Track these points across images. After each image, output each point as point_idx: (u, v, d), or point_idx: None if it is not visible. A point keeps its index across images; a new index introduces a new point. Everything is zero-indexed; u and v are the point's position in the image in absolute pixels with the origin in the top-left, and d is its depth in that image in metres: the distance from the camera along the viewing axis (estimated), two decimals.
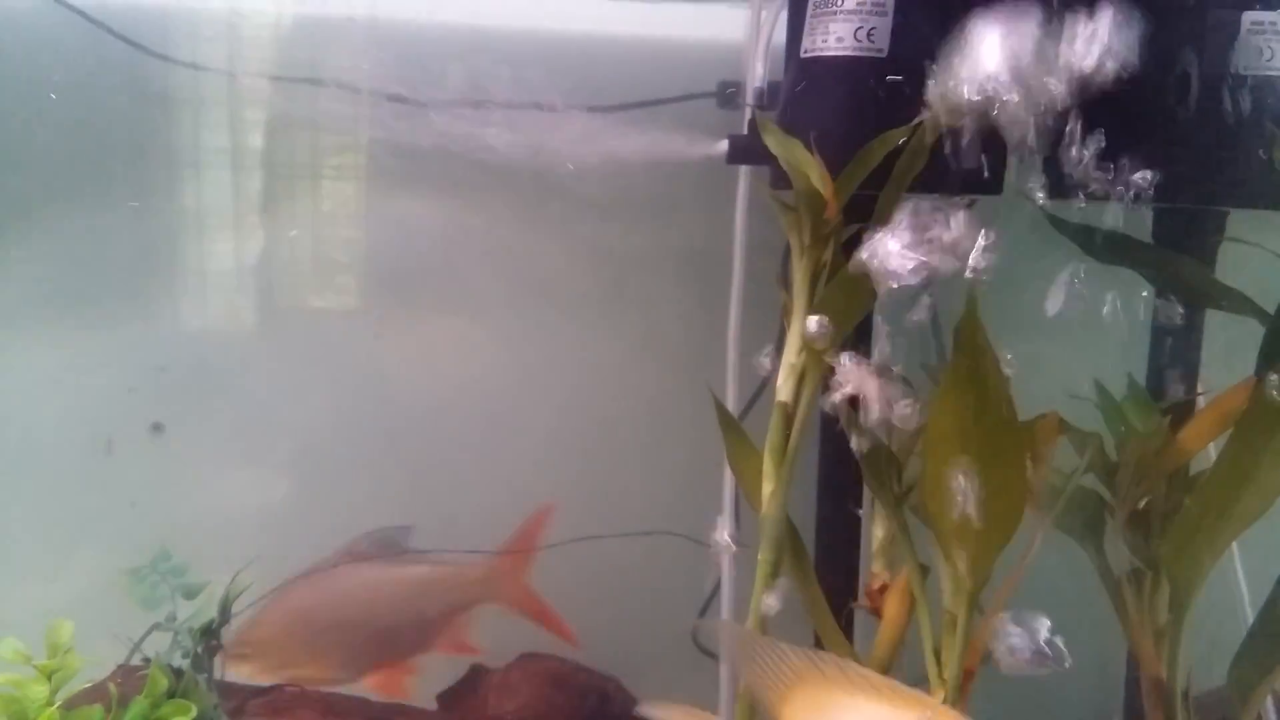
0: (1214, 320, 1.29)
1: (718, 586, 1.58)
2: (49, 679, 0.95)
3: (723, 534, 1.25)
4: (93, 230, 1.65)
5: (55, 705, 0.95)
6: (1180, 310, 1.24)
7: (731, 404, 1.26)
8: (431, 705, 1.57)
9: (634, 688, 1.69)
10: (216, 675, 1.28)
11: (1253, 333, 1.18)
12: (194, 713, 1.03)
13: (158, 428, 1.84)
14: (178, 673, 1.19)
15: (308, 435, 1.78)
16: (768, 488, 1.12)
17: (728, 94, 1.52)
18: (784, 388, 1.12)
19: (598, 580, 1.81)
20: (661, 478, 1.71)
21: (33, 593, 1.65)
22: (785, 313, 1.15)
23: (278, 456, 1.79)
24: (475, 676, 1.65)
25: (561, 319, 1.69)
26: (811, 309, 1.09)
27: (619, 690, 1.68)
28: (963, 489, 1.00)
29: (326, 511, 1.71)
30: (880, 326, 1.18)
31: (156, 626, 1.37)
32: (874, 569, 1.25)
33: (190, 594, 1.41)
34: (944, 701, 1.10)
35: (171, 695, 1.07)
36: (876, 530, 1.26)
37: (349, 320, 1.77)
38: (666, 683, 1.74)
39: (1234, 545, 1.25)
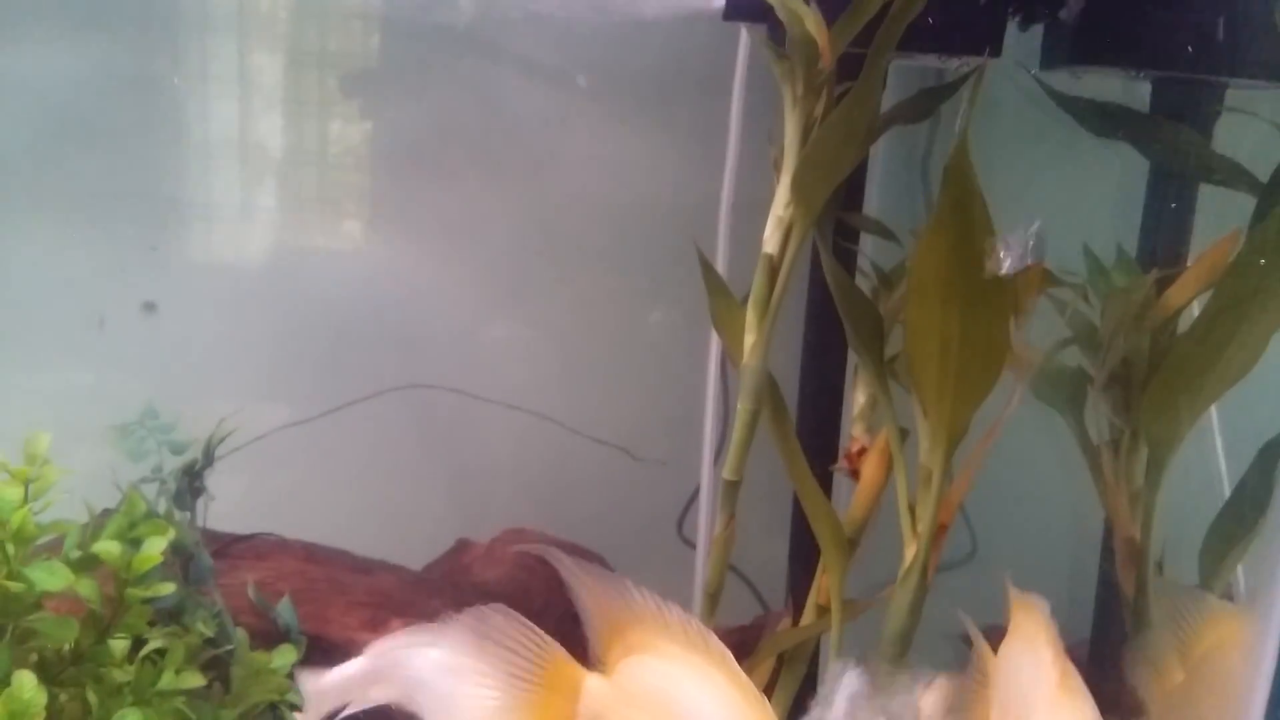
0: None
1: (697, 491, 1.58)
2: (25, 487, 0.96)
3: None
4: (85, 107, 1.64)
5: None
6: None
7: (722, 267, 1.25)
8: None
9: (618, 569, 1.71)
10: (198, 520, 1.29)
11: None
12: (171, 534, 1.04)
13: (150, 306, 1.84)
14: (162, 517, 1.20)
15: (298, 315, 1.78)
16: (750, 339, 1.12)
17: None
18: (770, 240, 1.12)
19: (584, 472, 1.83)
20: (649, 361, 1.71)
21: None
22: (775, 166, 1.14)
23: (268, 336, 1.80)
24: (460, 548, 1.66)
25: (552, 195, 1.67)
26: (801, 158, 1.08)
27: (603, 566, 1.69)
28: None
29: (315, 389, 1.71)
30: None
31: (143, 480, 1.38)
32: (854, 433, 1.25)
33: (177, 449, 1.42)
34: (915, 555, 1.11)
35: None
36: (858, 396, 1.26)
37: (344, 211, 1.76)
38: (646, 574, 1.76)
39: (1214, 419, 1.25)
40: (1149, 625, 1.01)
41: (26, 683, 0.90)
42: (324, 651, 1.30)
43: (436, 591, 1.49)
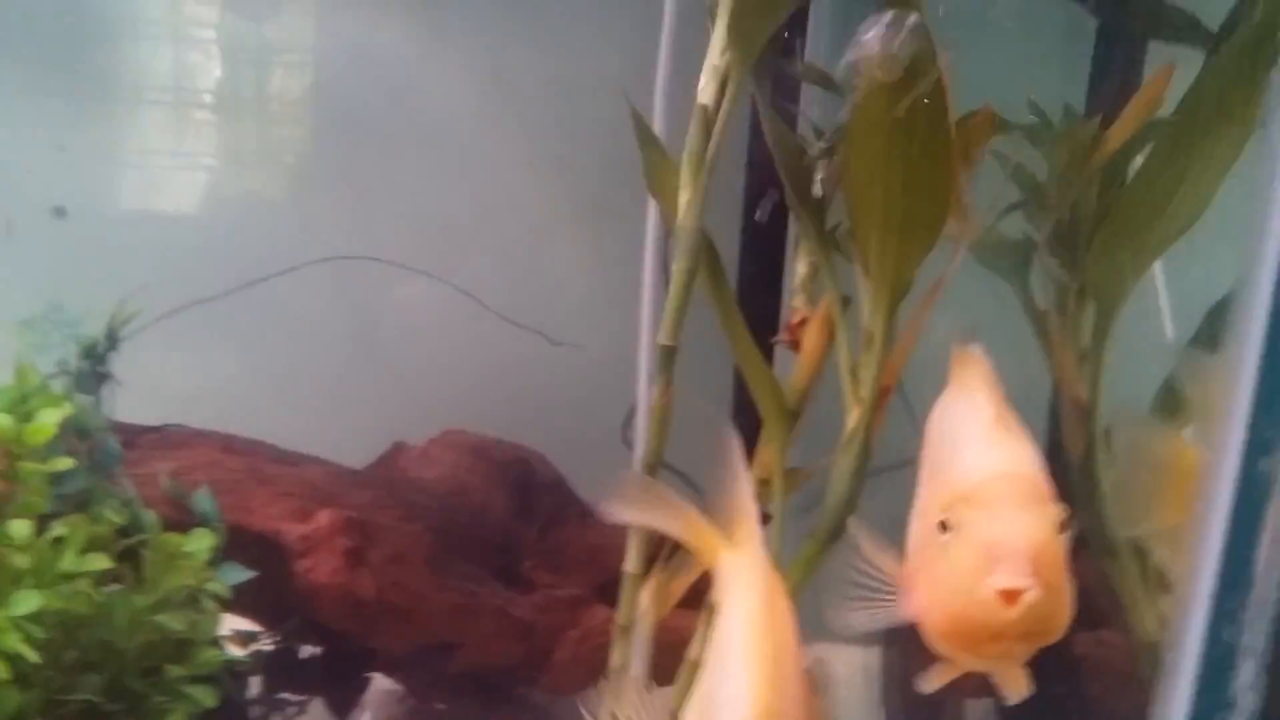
0: None
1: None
2: None
3: None
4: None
5: None
6: None
7: (659, 126, 1.18)
8: None
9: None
10: (105, 410, 1.22)
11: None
12: (67, 408, 0.97)
13: (60, 212, 1.75)
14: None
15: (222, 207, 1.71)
16: (684, 196, 1.06)
17: None
18: (705, 90, 1.06)
19: (529, 374, 1.78)
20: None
21: None
22: (710, 13, 1.08)
23: (185, 239, 1.72)
24: (395, 451, 1.60)
25: None
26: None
27: (543, 463, 1.64)
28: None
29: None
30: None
31: (49, 376, 1.31)
32: (795, 304, 1.21)
33: (83, 343, 1.34)
34: (858, 420, 1.08)
35: None
36: (799, 266, 1.22)
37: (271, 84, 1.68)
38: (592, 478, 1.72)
39: (1160, 282, 1.23)
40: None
41: None
42: (247, 543, 1.24)
43: (367, 484, 1.43)
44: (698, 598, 1.22)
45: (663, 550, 1.16)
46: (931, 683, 0.78)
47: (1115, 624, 1.59)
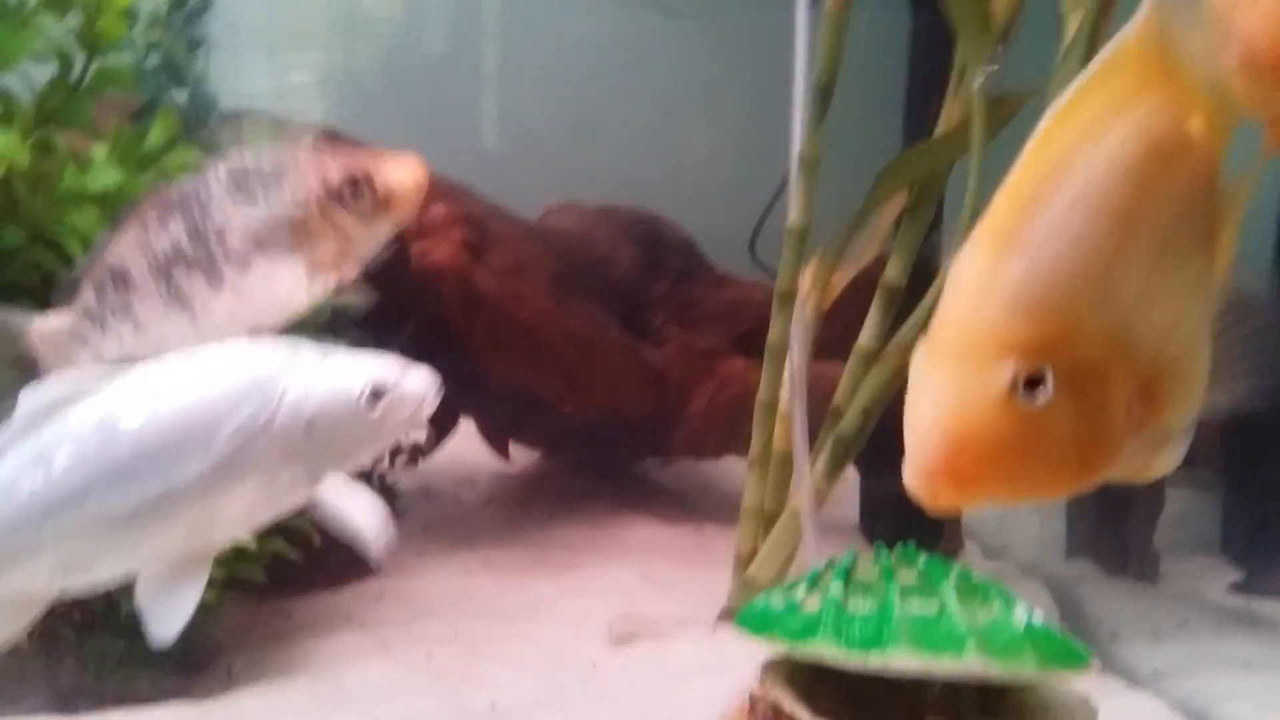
0: None
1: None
2: None
3: None
4: None
5: None
6: None
7: None
8: None
9: None
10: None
11: None
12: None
13: None
14: None
15: None
16: None
17: None
18: None
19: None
20: None
21: None
22: None
23: None
24: None
25: None
26: None
27: (669, 226, 1.49)
28: None
29: None
30: None
31: None
32: None
33: None
34: (1079, 28, 0.88)
35: None
36: None
37: None
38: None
39: None
40: None
41: None
42: None
43: (484, 202, 1.28)
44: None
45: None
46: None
47: None
